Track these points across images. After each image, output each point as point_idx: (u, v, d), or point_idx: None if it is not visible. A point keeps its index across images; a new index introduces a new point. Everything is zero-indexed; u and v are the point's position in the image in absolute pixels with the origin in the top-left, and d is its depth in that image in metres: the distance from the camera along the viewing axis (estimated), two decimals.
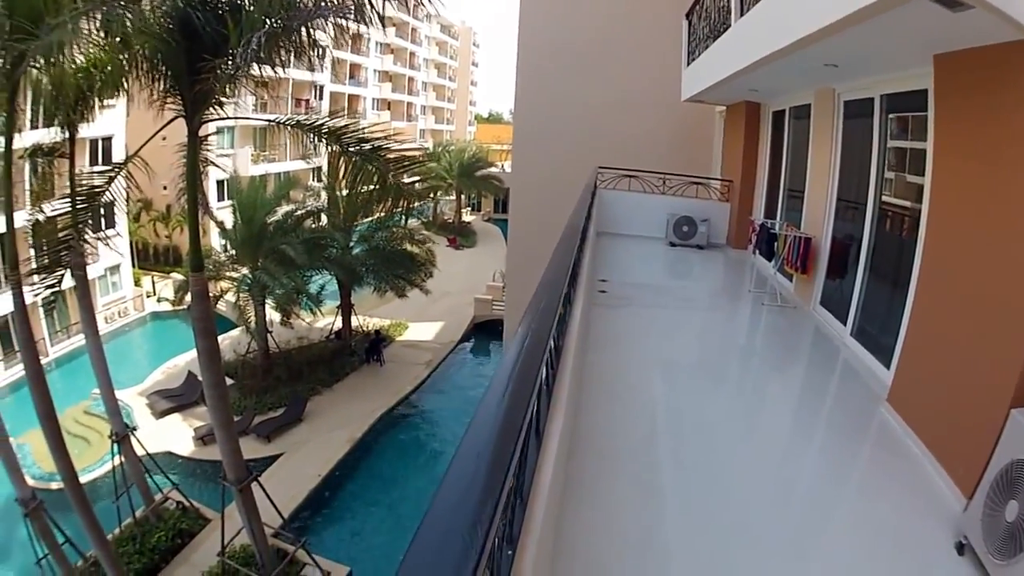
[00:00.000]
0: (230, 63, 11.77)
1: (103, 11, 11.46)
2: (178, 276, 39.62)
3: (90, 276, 19.16)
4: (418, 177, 14.29)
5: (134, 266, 42.88)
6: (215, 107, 13.49)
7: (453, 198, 74.01)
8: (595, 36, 21.94)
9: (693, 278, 14.82)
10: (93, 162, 33.14)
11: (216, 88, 12.61)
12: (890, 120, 8.41)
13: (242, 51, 10.96)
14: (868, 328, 8.63)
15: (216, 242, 36.77)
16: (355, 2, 12.11)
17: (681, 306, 12.08)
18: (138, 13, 11.55)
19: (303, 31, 12.35)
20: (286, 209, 34.28)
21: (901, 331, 6.88)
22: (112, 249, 28.79)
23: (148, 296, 42.58)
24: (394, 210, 15.27)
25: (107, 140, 36.31)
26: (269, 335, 32.36)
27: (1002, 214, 5.10)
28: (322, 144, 13.90)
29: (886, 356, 7.44)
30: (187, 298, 26.78)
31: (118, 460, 19.93)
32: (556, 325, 4.48)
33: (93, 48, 13.73)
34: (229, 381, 22.83)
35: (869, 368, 7.97)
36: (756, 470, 5.83)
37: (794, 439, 6.76)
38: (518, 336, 3.68)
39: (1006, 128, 5.10)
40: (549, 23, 22.82)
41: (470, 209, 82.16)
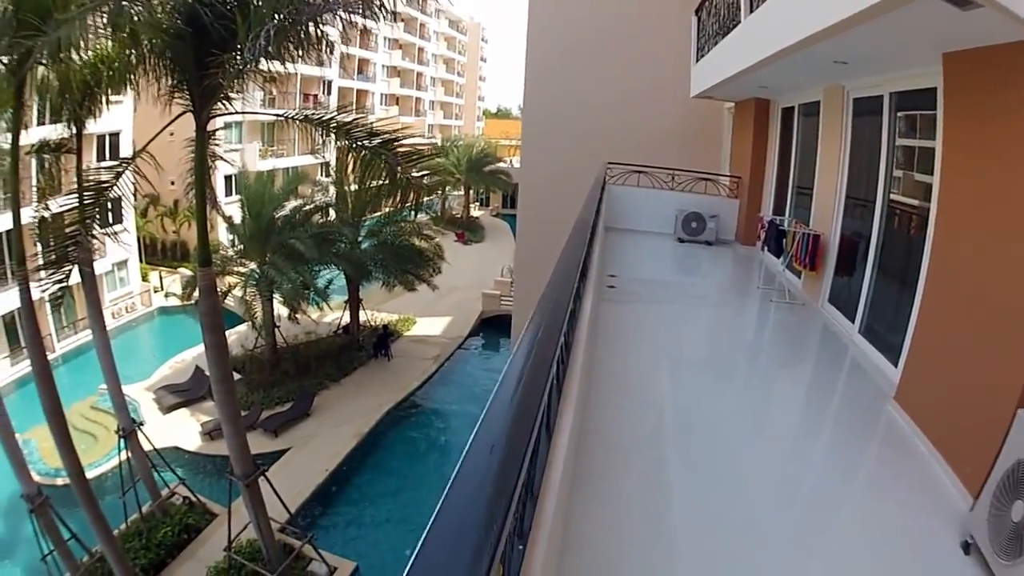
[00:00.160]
0: (238, 58, 11.79)
1: (111, 6, 11.46)
2: (186, 271, 39.63)
3: (97, 271, 19.15)
4: (427, 171, 14.25)
5: (141, 261, 43.00)
6: (223, 102, 13.51)
7: (461, 193, 74.00)
8: (604, 31, 21.91)
9: (702, 274, 14.81)
10: (100, 158, 33.27)
11: (224, 83, 12.63)
12: (899, 118, 8.39)
13: (250, 46, 10.98)
14: (876, 326, 8.61)
15: (224, 237, 36.83)
16: None
17: (689, 302, 12.09)
18: (146, 7, 11.56)
19: (311, 26, 12.36)
20: (294, 204, 34.29)
21: (909, 329, 6.86)
22: (119, 245, 28.79)
23: (155, 291, 42.67)
24: (403, 205, 15.27)
25: (114, 136, 36.46)
26: (277, 330, 32.42)
27: (1010, 213, 5.09)
28: (331, 139, 13.91)
29: (894, 354, 7.43)
30: (195, 293, 26.91)
31: (125, 455, 19.98)
32: (567, 320, 4.48)
33: (101, 44, 13.74)
34: (236, 376, 22.84)
35: (877, 366, 7.95)
36: (763, 467, 5.82)
37: (801, 436, 6.76)
38: (530, 330, 3.68)
39: (1015, 127, 5.08)
40: (558, 18, 22.80)
41: (478, 204, 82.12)
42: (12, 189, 14.91)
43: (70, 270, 15.09)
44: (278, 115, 14.30)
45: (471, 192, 74.98)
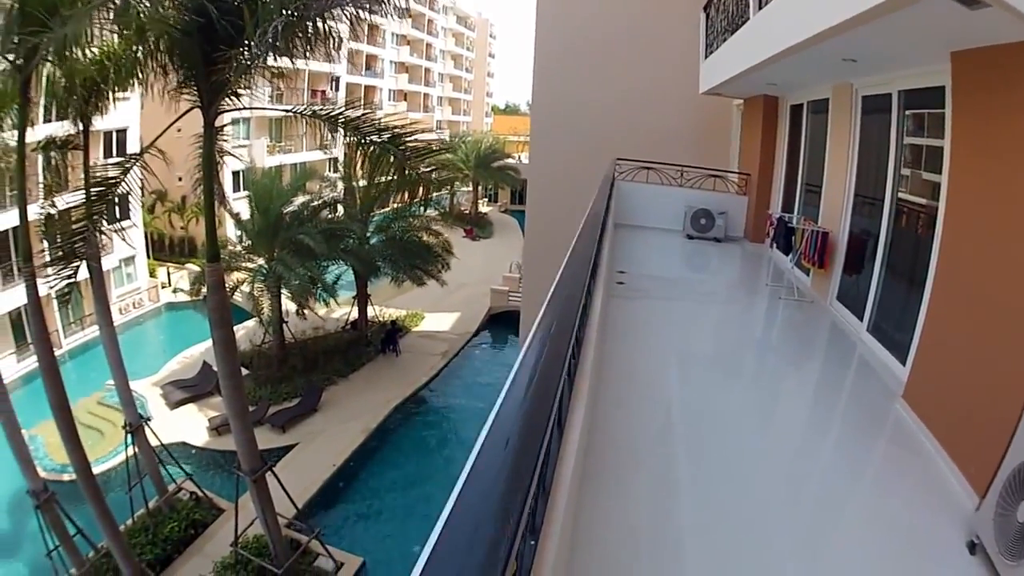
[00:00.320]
0: (246, 54, 11.80)
1: (117, 2, 11.48)
2: (193, 267, 39.75)
3: (104, 267, 19.17)
4: (435, 167, 14.25)
5: (149, 257, 43.11)
6: (231, 98, 13.51)
7: (470, 189, 73.97)
8: (613, 27, 21.86)
9: (710, 271, 14.79)
10: (107, 154, 33.43)
11: (232, 79, 12.64)
12: (908, 116, 8.36)
13: (258, 41, 10.99)
14: (884, 324, 8.59)
15: (232, 233, 36.86)
16: None
17: (698, 299, 12.07)
18: (154, 3, 11.58)
19: (319, 21, 12.36)
20: (302, 200, 34.34)
21: (917, 328, 6.85)
22: (125, 241, 28.80)
23: (163, 287, 42.79)
24: (412, 200, 15.27)
25: (121, 132, 36.60)
26: (285, 325, 32.49)
27: (1018, 213, 5.07)
28: (339, 134, 13.91)
29: (902, 352, 7.42)
30: (203, 289, 26.96)
31: (132, 451, 20.02)
32: (580, 316, 4.49)
33: (107, 40, 13.76)
34: (244, 371, 22.88)
35: (885, 364, 7.94)
36: (770, 464, 5.82)
37: (809, 434, 6.75)
38: (543, 326, 3.70)
39: (1023, 127, 5.07)
40: (566, 14, 22.75)
41: (487, 200, 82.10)
42: (19, 186, 14.94)
43: (78, 266, 15.09)
44: (287, 111, 14.30)
45: (479, 188, 74.94)
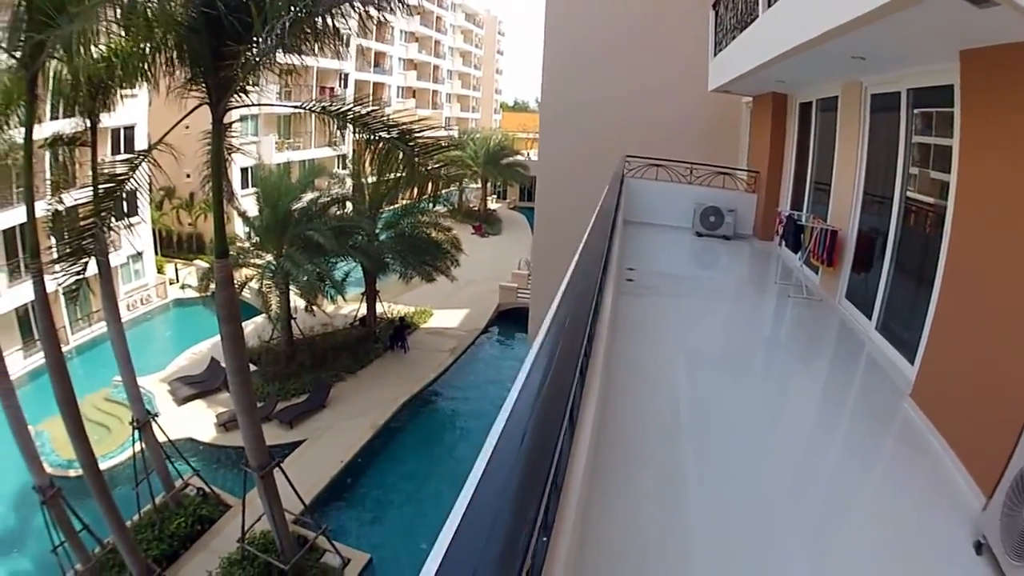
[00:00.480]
0: (255, 50, 11.81)
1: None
2: (201, 263, 39.80)
3: (112, 264, 19.20)
4: (445, 163, 14.26)
5: (157, 254, 43.22)
6: (240, 94, 13.53)
7: (479, 186, 73.99)
8: (622, 24, 21.84)
9: (719, 268, 14.76)
10: (115, 151, 33.46)
11: (240, 75, 12.65)
12: (917, 115, 8.34)
13: (266, 37, 11.00)
14: (893, 323, 8.57)
15: (240, 229, 36.89)
16: None
17: (707, 296, 12.05)
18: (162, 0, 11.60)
19: (327, 18, 12.37)
20: (311, 196, 34.40)
21: (925, 327, 6.84)
22: (131, 237, 28.87)
23: (171, 283, 42.94)
24: (422, 196, 15.28)
25: (129, 129, 36.62)
26: (293, 321, 32.55)
27: None
28: (348, 131, 13.92)
29: (910, 352, 7.39)
30: (211, 285, 27.00)
31: (139, 447, 20.10)
32: (592, 312, 4.49)
33: (115, 36, 13.78)
34: (252, 367, 22.93)
35: (893, 363, 7.91)
36: (778, 462, 5.82)
37: (817, 432, 6.74)
38: (556, 321, 3.71)
39: None
40: (575, 11, 22.75)
41: (495, 197, 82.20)
42: (26, 182, 14.97)
43: (87, 262, 15.12)
44: (297, 107, 14.34)
45: (488, 185, 74.96)
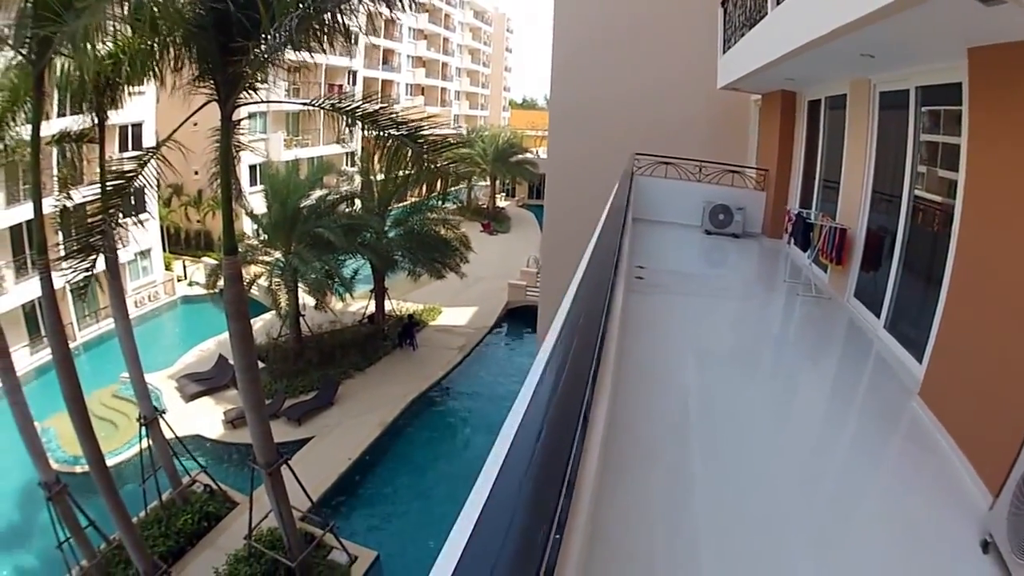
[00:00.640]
0: (263, 47, 11.82)
1: None
2: (209, 260, 39.88)
3: (120, 260, 19.23)
4: (454, 160, 14.27)
5: (165, 251, 43.41)
6: (248, 91, 13.54)
7: (487, 184, 74.00)
8: (631, 21, 21.80)
9: (728, 267, 14.74)
10: (123, 148, 33.69)
11: (249, 72, 12.67)
12: (926, 112, 8.32)
13: (275, 34, 11.02)
14: (901, 322, 8.55)
15: (248, 227, 36.94)
16: None
17: (716, 294, 12.03)
18: None
19: (336, 15, 12.37)
20: (320, 193, 34.45)
21: (934, 326, 6.81)
22: (139, 234, 28.89)
23: (179, 280, 43.12)
24: (431, 194, 15.29)
25: (137, 126, 36.76)
26: (301, 318, 32.60)
27: None
28: (357, 128, 13.94)
29: (919, 350, 7.37)
30: (219, 282, 27.08)
31: (146, 443, 20.15)
32: (606, 309, 4.49)
33: (122, 34, 13.80)
34: (260, 364, 22.97)
35: (901, 362, 7.89)
36: (786, 460, 5.81)
37: (825, 431, 6.73)
38: (570, 318, 3.70)
39: None
40: (584, 8, 22.76)
41: (504, 195, 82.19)
42: (33, 179, 14.98)
43: (95, 259, 15.15)
44: (306, 104, 14.32)
45: (497, 182, 74.97)
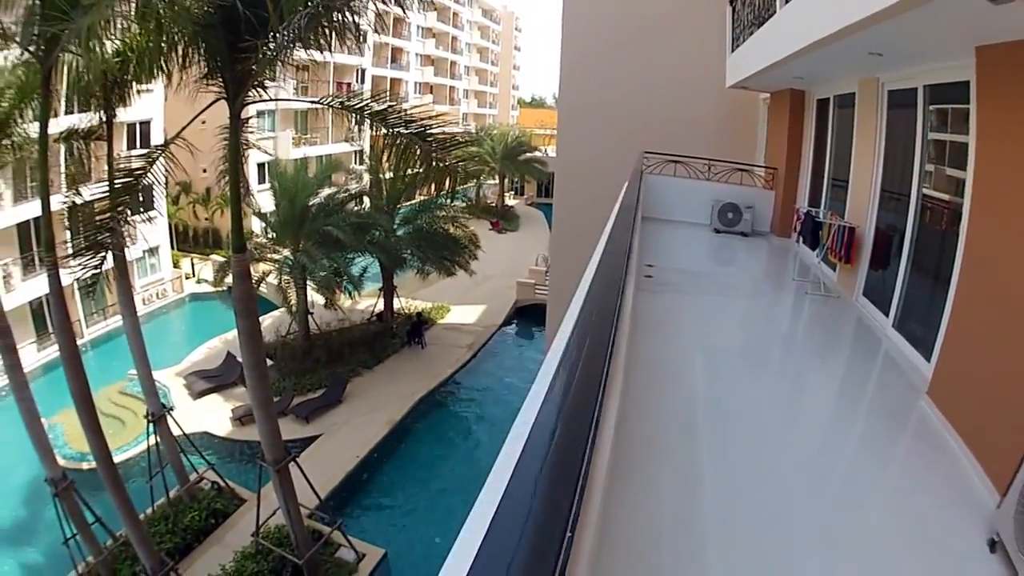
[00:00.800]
0: (272, 45, 11.83)
1: None
2: (218, 258, 39.94)
3: (128, 258, 19.26)
4: (463, 159, 14.26)
5: (173, 248, 43.51)
6: (257, 89, 13.56)
7: (496, 182, 74.02)
8: (639, 20, 21.76)
9: (737, 265, 14.72)
10: (131, 146, 33.63)
11: (257, 70, 12.67)
12: (934, 111, 8.30)
13: (284, 32, 11.03)
14: (910, 320, 8.53)
15: (256, 225, 37.01)
16: None
17: (725, 293, 12.04)
18: None
19: (345, 13, 12.37)
20: (328, 192, 34.50)
21: (942, 325, 6.80)
22: (148, 231, 28.97)
23: (187, 278, 43.20)
24: (440, 192, 15.28)
25: (145, 124, 36.80)
26: (310, 316, 32.65)
27: None
28: (366, 126, 13.94)
29: (927, 349, 7.36)
30: (227, 279, 27.13)
31: (153, 440, 20.20)
32: (618, 308, 4.49)
33: (130, 32, 13.82)
34: (268, 362, 23.01)
35: (910, 360, 7.87)
36: (794, 458, 5.81)
37: (833, 429, 6.72)
38: (582, 317, 3.71)
39: None
40: (593, 7, 22.72)
41: (513, 193, 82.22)
42: (41, 176, 14.99)
43: (104, 256, 15.16)
44: (315, 102, 14.32)
45: (506, 181, 74.98)
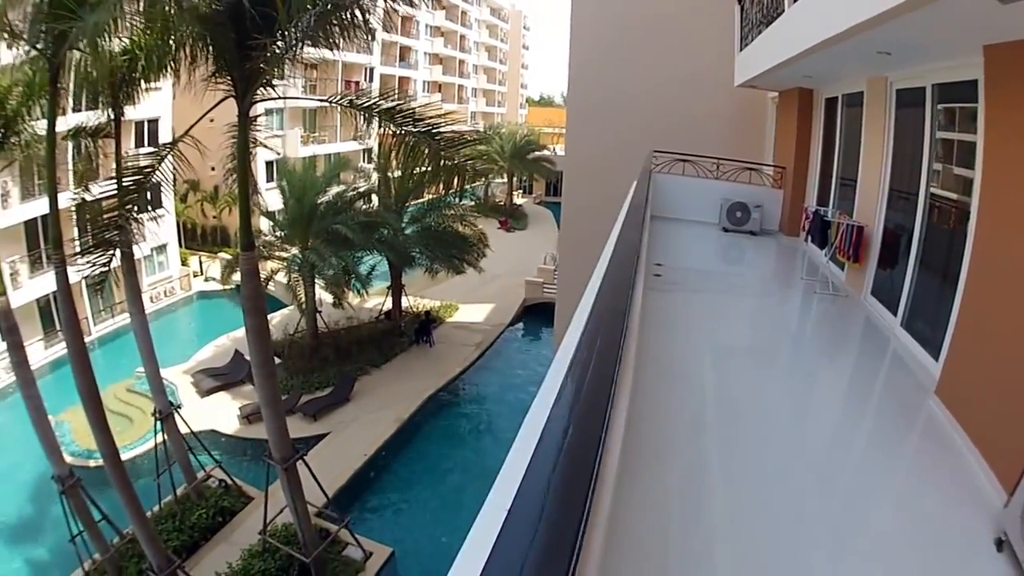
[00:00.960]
0: (280, 43, 11.85)
1: None
2: (226, 256, 40.03)
3: (136, 256, 19.29)
4: (471, 157, 14.25)
5: (181, 246, 43.61)
6: (265, 88, 13.57)
7: (504, 180, 74.01)
8: (648, 19, 21.72)
9: (746, 264, 14.73)
10: (139, 144, 33.82)
11: (266, 69, 12.69)
12: (942, 110, 8.29)
13: (292, 30, 11.04)
14: (918, 319, 8.51)
15: (264, 223, 37.08)
16: None
17: (733, 292, 12.04)
18: None
19: (354, 11, 12.37)
20: (337, 190, 34.51)
21: (950, 324, 6.79)
22: (156, 229, 29.03)
23: (195, 276, 43.31)
24: (447, 191, 15.27)
25: (153, 122, 36.93)
26: (318, 315, 32.71)
27: None
28: (374, 124, 13.94)
29: (935, 349, 7.34)
30: (234, 277, 27.17)
31: (160, 438, 20.23)
32: (629, 306, 4.50)
33: (137, 30, 13.85)
34: (276, 360, 23.05)
35: (918, 360, 7.85)
36: (803, 457, 5.81)
37: (841, 428, 6.71)
38: (593, 315, 3.71)
39: None
40: (602, 5, 22.71)
41: (521, 192, 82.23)
42: (48, 173, 15.03)
43: (113, 255, 15.19)
44: (323, 100, 14.32)
45: (514, 179, 74.96)
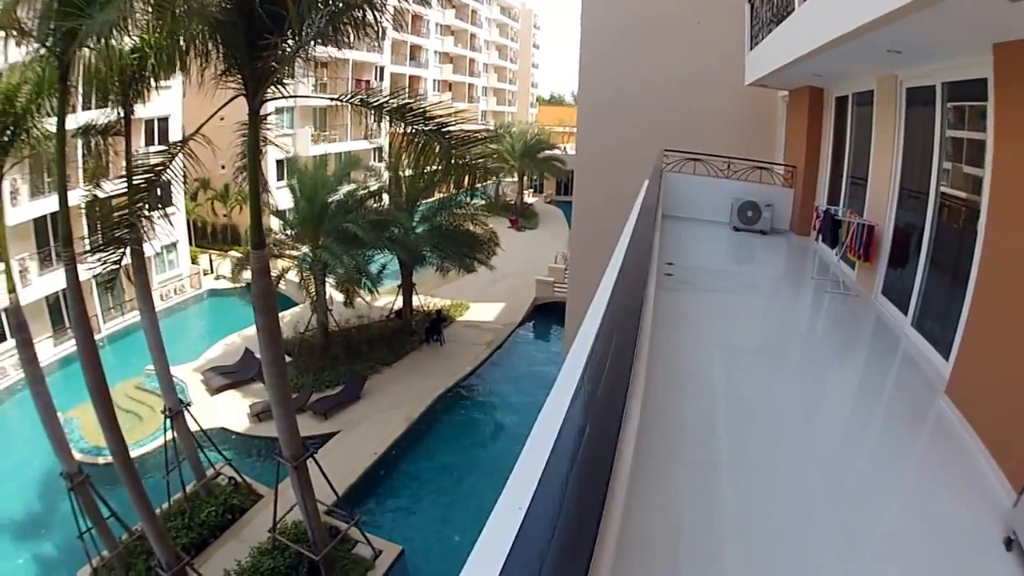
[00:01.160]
0: (291, 42, 11.87)
1: None
2: (236, 254, 40.10)
3: (146, 254, 19.33)
4: (482, 156, 14.24)
5: (191, 244, 43.75)
6: (276, 86, 13.59)
7: (515, 180, 74.00)
8: (659, 17, 21.68)
9: (757, 263, 14.72)
10: (149, 142, 33.95)
11: (277, 67, 12.71)
12: (952, 108, 8.26)
13: (304, 30, 11.06)
14: (928, 319, 8.48)
15: (275, 222, 37.17)
16: None
17: (744, 291, 12.02)
18: None
19: (364, 11, 12.39)
20: (348, 189, 34.55)
21: (960, 323, 6.77)
22: (166, 227, 29.16)
23: (205, 274, 43.47)
24: (458, 190, 15.24)
25: (163, 120, 37.09)
26: (329, 313, 32.75)
27: None
28: (385, 123, 13.94)
29: (945, 348, 7.32)
30: (244, 275, 27.22)
31: (170, 435, 20.27)
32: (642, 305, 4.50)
33: (147, 28, 13.88)
34: (287, 359, 23.09)
35: (928, 359, 7.83)
36: (813, 457, 5.81)
37: (851, 427, 6.70)
38: (607, 314, 3.71)
39: None
40: (612, 5, 22.71)
41: (532, 191, 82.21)
42: (58, 171, 15.06)
43: (124, 252, 15.22)
44: (334, 99, 14.32)
45: (525, 178, 74.97)
